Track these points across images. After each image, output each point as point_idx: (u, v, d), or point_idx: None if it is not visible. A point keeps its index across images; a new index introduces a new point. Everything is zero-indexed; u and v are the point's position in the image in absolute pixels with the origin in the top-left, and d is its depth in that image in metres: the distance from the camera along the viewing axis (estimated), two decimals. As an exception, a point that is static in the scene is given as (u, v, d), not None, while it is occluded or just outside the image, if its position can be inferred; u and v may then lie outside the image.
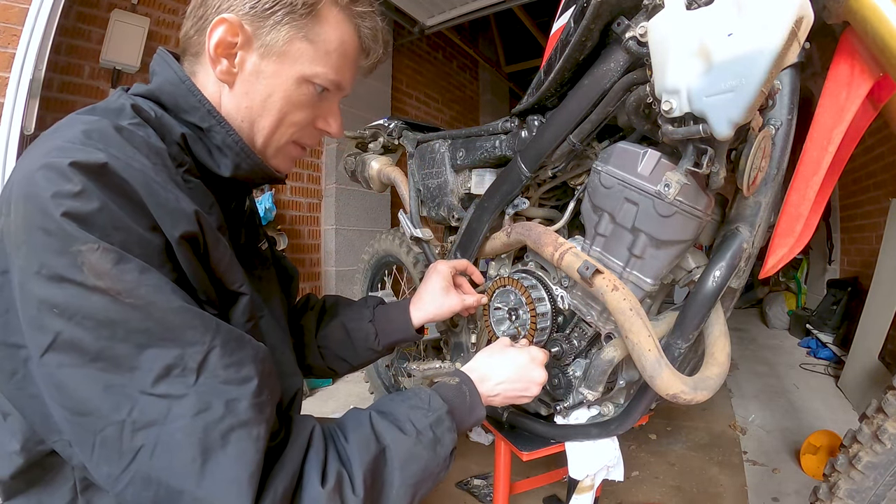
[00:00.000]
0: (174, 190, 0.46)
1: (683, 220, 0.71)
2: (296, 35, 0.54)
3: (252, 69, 0.55)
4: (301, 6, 0.53)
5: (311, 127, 0.62)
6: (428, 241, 1.27)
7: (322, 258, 2.81)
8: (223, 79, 0.55)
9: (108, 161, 0.41)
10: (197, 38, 0.55)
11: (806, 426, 1.84)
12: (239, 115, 0.56)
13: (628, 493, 1.40)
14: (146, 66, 1.95)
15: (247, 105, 0.56)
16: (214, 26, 0.52)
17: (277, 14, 0.53)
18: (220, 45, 0.53)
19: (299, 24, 0.54)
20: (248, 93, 0.55)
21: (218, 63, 0.54)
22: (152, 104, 0.53)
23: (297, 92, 0.56)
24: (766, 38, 0.49)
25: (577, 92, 0.77)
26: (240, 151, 0.56)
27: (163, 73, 0.55)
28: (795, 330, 3.33)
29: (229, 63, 0.54)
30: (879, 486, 0.67)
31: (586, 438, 0.90)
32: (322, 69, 0.56)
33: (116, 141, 0.44)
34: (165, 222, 0.43)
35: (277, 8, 0.53)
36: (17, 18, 1.34)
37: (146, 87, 0.54)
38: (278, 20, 0.53)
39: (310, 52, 0.55)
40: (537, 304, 0.88)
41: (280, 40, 0.54)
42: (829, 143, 0.63)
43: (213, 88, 0.56)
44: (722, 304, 0.77)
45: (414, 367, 1.19)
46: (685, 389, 0.69)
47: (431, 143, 1.20)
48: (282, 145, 0.60)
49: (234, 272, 0.52)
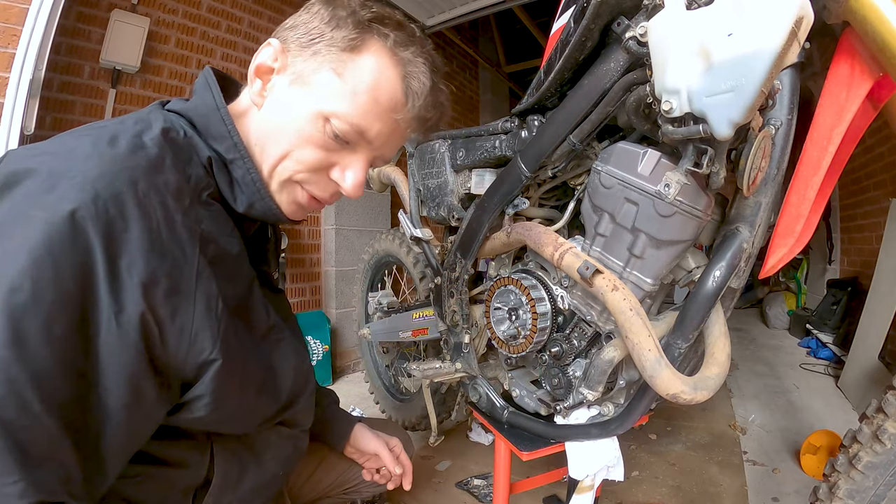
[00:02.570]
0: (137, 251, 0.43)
1: (683, 220, 0.71)
2: (326, 66, 0.51)
3: (278, 94, 0.53)
4: (341, 39, 0.51)
5: (323, 173, 0.56)
6: (428, 241, 1.27)
7: (322, 258, 2.81)
8: (254, 100, 0.54)
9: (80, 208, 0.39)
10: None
11: (806, 426, 1.83)
12: (253, 139, 0.54)
13: (628, 493, 1.40)
14: (146, 66, 1.96)
15: (265, 127, 0.54)
16: (261, 49, 0.53)
17: (319, 44, 0.51)
18: (261, 68, 0.53)
19: (334, 57, 0.51)
20: (268, 118, 0.54)
21: (253, 83, 0.54)
22: (184, 122, 0.52)
23: (309, 126, 0.52)
24: (766, 39, 0.49)
25: (577, 92, 0.77)
26: (255, 192, 0.54)
27: (201, 95, 0.54)
28: (795, 330, 3.33)
29: (262, 85, 0.54)
30: (879, 486, 0.67)
31: (586, 438, 0.90)
32: (343, 109, 0.51)
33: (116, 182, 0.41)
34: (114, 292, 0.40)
35: (319, 40, 0.51)
36: (17, 18, 1.33)
37: (183, 105, 0.54)
38: (317, 50, 0.51)
39: (334, 86, 0.51)
40: (537, 304, 0.88)
41: (309, 69, 0.52)
42: (829, 143, 0.63)
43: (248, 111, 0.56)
44: (722, 304, 0.77)
45: (414, 367, 1.19)
46: (685, 389, 0.69)
47: (431, 143, 1.20)
48: (284, 180, 0.55)
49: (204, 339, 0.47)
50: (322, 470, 0.93)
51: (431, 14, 3.07)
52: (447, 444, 1.70)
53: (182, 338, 0.44)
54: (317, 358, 2.48)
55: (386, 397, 1.79)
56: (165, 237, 0.43)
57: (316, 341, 2.48)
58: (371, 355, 1.87)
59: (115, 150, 0.43)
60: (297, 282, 2.65)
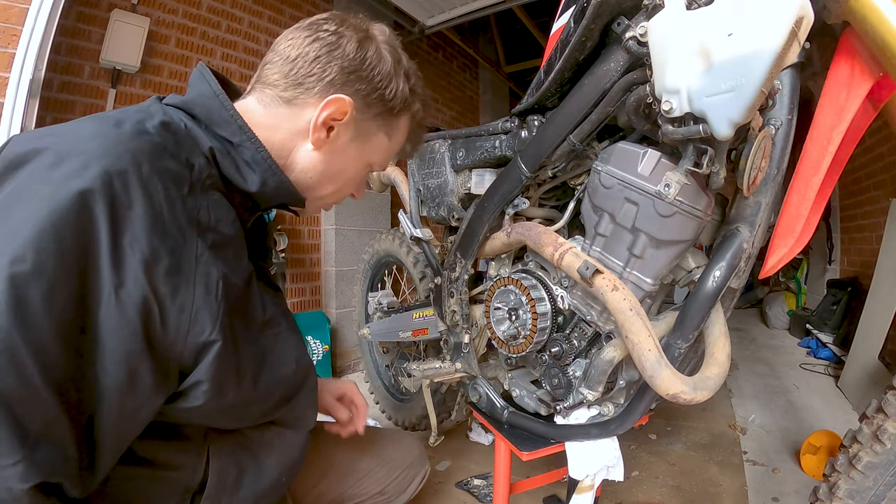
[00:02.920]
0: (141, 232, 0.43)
1: (683, 220, 0.71)
2: (381, 129, 0.63)
3: (341, 145, 0.61)
4: (395, 109, 0.62)
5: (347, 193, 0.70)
6: (428, 241, 1.27)
7: (322, 258, 2.81)
8: (314, 141, 0.59)
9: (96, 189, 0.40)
10: (293, 90, 0.57)
11: (806, 426, 1.83)
12: (309, 172, 0.61)
13: (628, 493, 1.40)
14: (146, 67, 1.96)
15: (323, 170, 0.61)
16: (331, 102, 0.57)
17: (378, 108, 0.60)
18: (329, 119, 0.58)
19: (386, 122, 0.62)
20: (329, 161, 0.61)
21: (318, 130, 0.58)
22: (183, 115, 0.53)
23: (361, 172, 0.66)
24: (766, 39, 0.49)
25: (577, 92, 0.77)
26: (267, 168, 0.56)
27: (198, 87, 0.56)
28: (795, 330, 3.33)
29: (327, 133, 0.59)
30: (879, 486, 0.67)
31: (586, 438, 0.90)
32: (382, 158, 0.66)
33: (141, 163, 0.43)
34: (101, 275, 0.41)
35: (380, 104, 0.60)
36: (17, 18, 1.33)
37: (181, 98, 0.55)
38: (377, 112, 0.61)
39: (385, 145, 0.64)
40: (537, 304, 0.88)
41: (370, 130, 0.62)
42: (829, 143, 0.63)
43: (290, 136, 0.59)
44: (722, 304, 0.77)
45: (414, 367, 1.19)
46: (685, 389, 0.69)
47: (431, 143, 1.20)
48: (324, 203, 0.68)
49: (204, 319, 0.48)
50: (325, 484, 0.89)
51: (431, 14, 3.07)
52: (447, 444, 1.70)
53: (182, 316, 0.45)
54: (317, 358, 2.48)
55: (386, 397, 1.79)
56: (167, 219, 0.43)
57: (316, 341, 2.48)
58: (371, 355, 1.87)
59: (119, 132, 0.44)
60: (297, 282, 2.65)
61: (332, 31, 0.57)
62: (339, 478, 0.89)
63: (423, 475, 0.97)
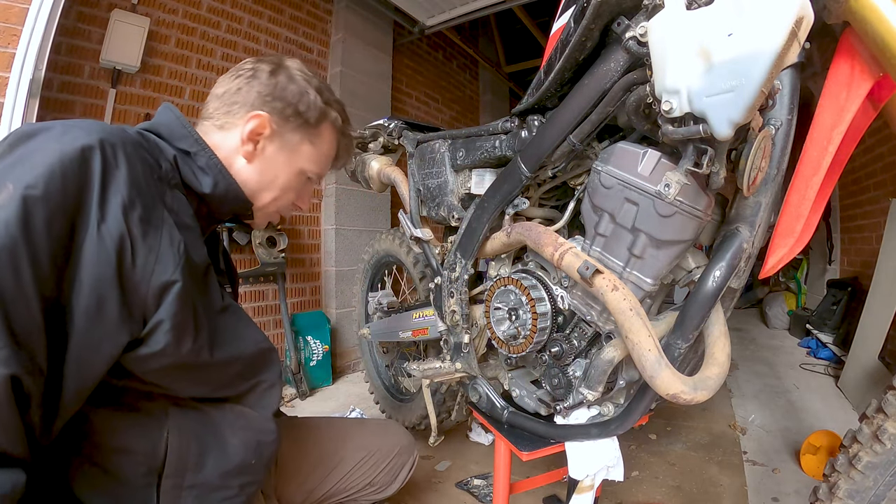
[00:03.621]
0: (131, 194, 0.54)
1: (683, 220, 0.71)
2: (305, 139, 0.74)
3: (270, 155, 0.72)
4: (313, 121, 0.73)
5: (291, 203, 0.80)
6: (428, 241, 1.27)
7: (322, 258, 2.81)
8: (245, 156, 0.71)
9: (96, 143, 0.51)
10: (224, 118, 0.70)
11: (806, 426, 1.83)
12: (250, 182, 0.72)
13: (628, 493, 1.40)
14: (146, 67, 1.96)
15: (258, 179, 0.73)
16: (253, 117, 0.69)
17: (296, 122, 0.72)
18: (253, 133, 0.69)
19: (308, 132, 0.74)
20: (262, 171, 0.73)
21: (246, 144, 0.70)
22: (150, 134, 0.65)
23: (295, 179, 0.76)
24: (766, 39, 0.49)
25: (577, 92, 0.77)
26: (218, 172, 0.68)
27: (164, 115, 0.69)
28: (795, 330, 3.33)
29: (254, 147, 0.71)
30: (879, 486, 0.67)
31: (586, 438, 0.90)
32: (315, 167, 0.77)
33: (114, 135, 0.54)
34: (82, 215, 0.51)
35: (296, 117, 0.72)
36: (17, 18, 1.33)
37: (148, 123, 0.67)
38: (296, 125, 0.72)
39: (311, 152, 0.75)
40: (537, 304, 0.88)
41: (294, 141, 0.73)
42: (829, 143, 0.63)
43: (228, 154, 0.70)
44: (722, 304, 0.77)
45: (414, 366, 1.19)
46: (685, 389, 0.69)
47: (431, 143, 1.20)
48: (270, 212, 0.78)
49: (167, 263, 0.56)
50: (314, 478, 0.90)
51: (431, 14, 3.08)
52: (447, 444, 1.70)
53: (150, 256, 0.53)
54: (317, 358, 2.48)
55: (386, 397, 1.79)
56: (142, 184, 0.54)
57: (316, 341, 2.48)
58: (371, 355, 1.87)
59: (108, 125, 0.56)
60: (297, 282, 2.65)
61: (249, 67, 0.71)
62: (327, 472, 0.91)
63: (412, 463, 1.01)
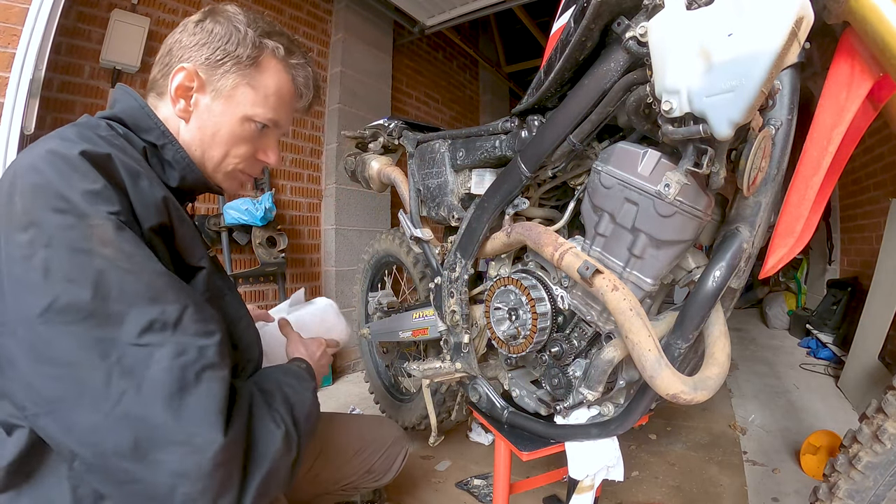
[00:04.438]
0: (149, 177, 0.55)
1: (683, 220, 0.71)
2: (241, 82, 0.66)
3: (204, 109, 0.66)
4: (245, 58, 0.65)
5: (252, 158, 0.72)
6: (428, 241, 1.27)
7: (322, 258, 2.81)
8: (181, 115, 0.66)
9: (110, 153, 0.52)
10: (162, 81, 0.66)
11: (806, 426, 1.83)
12: (193, 145, 0.67)
13: (628, 493, 1.40)
14: (146, 66, 1.96)
15: (200, 137, 0.67)
16: (175, 73, 0.64)
17: (227, 64, 0.65)
18: (180, 88, 0.64)
19: (244, 73, 0.66)
20: (201, 128, 0.67)
21: (177, 102, 0.65)
22: (116, 124, 0.63)
23: (240, 129, 0.68)
24: (766, 39, 0.49)
25: (577, 92, 0.77)
26: (185, 167, 0.66)
27: (124, 101, 0.65)
28: (795, 330, 3.33)
29: (186, 103, 0.65)
30: (879, 486, 0.67)
31: (586, 438, 0.90)
32: (261, 110, 0.68)
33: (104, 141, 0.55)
34: (141, 213, 0.53)
35: (227, 59, 0.64)
36: (17, 18, 1.33)
37: (110, 112, 0.64)
38: (227, 69, 0.65)
39: (251, 96, 0.67)
40: (537, 304, 0.88)
41: (227, 86, 0.65)
42: (829, 143, 0.62)
43: (173, 123, 0.67)
44: (722, 304, 0.77)
45: (414, 366, 1.19)
46: (685, 389, 0.69)
47: (431, 143, 1.20)
48: (229, 171, 0.71)
49: (196, 247, 0.61)
50: (319, 463, 0.95)
51: (431, 14, 3.07)
52: (447, 444, 1.70)
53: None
54: (317, 358, 2.47)
55: (386, 397, 1.79)
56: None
57: (316, 341, 2.47)
58: (371, 355, 1.87)
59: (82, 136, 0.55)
60: (297, 282, 2.65)
61: (177, 29, 0.67)
62: (332, 457, 0.97)
63: (405, 454, 1.08)
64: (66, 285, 0.45)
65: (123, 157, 0.54)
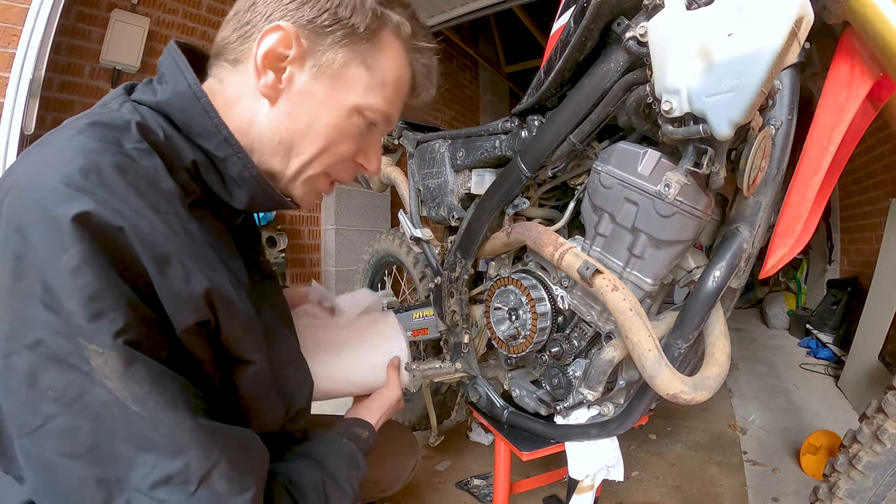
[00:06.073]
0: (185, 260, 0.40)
1: (683, 220, 0.71)
2: (354, 59, 0.50)
3: (301, 88, 0.49)
4: (364, 30, 0.49)
5: (350, 161, 0.56)
6: (428, 241, 1.27)
7: (322, 258, 2.81)
8: (265, 93, 0.49)
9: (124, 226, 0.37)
10: (239, 45, 0.50)
11: (806, 426, 1.83)
12: (276, 137, 0.50)
13: (628, 493, 1.40)
14: (146, 66, 1.96)
15: (287, 127, 0.50)
16: (267, 33, 0.47)
17: (337, 33, 0.48)
18: (270, 55, 0.47)
19: (359, 49, 0.50)
20: (292, 114, 0.50)
21: (263, 74, 0.48)
22: (161, 119, 0.46)
23: (347, 122, 0.52)
24: (767, 39, 0.49)
25: (577, 92, 0.77)
26: (256, 186, 0.50)
27: (174, 83, 0.48)
28: (795, 330, 3.33)
29: (276, 77, 0.49)
30: (879, 486, 0.67)
31: (586, 438, 0.90)
32: (376, 101, 0.52)
33: (121, 189, 0.38)
34: (171, 308, 0.39)
35: (338, 27, 0.48)
36: (17, 18, 1.34)
37: (154, 99, 0.47)
38: (337, 39, 0.49)
39: (366, 80, 0.51)
40: (537, 304, 0.88)
41: (337, 62, 0.49)
42: (829, 143, 0.62)
43: (247, 103, 0.50)
44: (722, 304, 0.77)
45: (414, 366, 1.19)
46: (685, 389, 0.69)
47: (431, 143, 1.20)
48: (315, 175, 0.54)
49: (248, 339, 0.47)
50: None
51: (431, 14, 3.08)
52: (447, 444, 1.70)
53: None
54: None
55: (386, 397, 1.79)
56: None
57: (316, 341, 2.48)
58: (371, 355, 1.87)
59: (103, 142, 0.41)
60: (297, 282, 2.65)
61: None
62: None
63: (415, 463, 0.96)
64: (60, 408, 0.35)
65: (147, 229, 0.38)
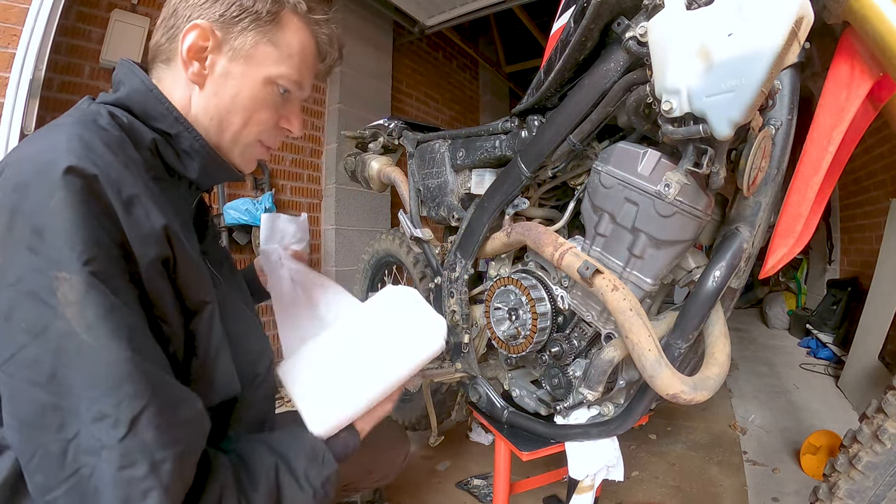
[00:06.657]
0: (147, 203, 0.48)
1: (683, 220, 0.71)
2: (261, 40, 0.60)
3: (221, 71, 0.59)
4: (265, 14, 0.59)
5: (275, 127, 0.66)
6: (428, 241, 1.27)
7: (322, 258, 2.81)
8: (194, 80, 0.59)
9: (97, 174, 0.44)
10: (168, 46, 0.59)
11: (806, 426, 1.83)
12: (208, 114, 0.60)
13: (628, 493, 1.40)
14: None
15: (216, 104, 0.60)
16: (187, 32, 0.57)
17: (244, 21, 0.59)
18: (192, 49, 0.57)
19: (264, 30, 0.60)
20: (218, 92, 0.60)
21: (190, 65, 0.58)
22: (123, 112, 0.56)
23: (262, 92, 0.61)
24: (767, 38, 0.49)
25: (577, 92, 0.77)
26: (206, 156, 0.60)
27: (130, 83, 0.58)
28: (795, 330, 3.33)
29: (200, 65, 0.59)
30: (879, 486, 0.67)
31: (586, 438, 0.90)
32: (286, 70, 0.62)
33: (99, 148, 0.47)
34: (136, 243, 0.46)
35: (244, 16, 0.58)
36: (17, 18, 1.33)
37: (115, 96, 0.57)
38: (245, 26, 0.59)
39: (274, 55, 0.61)
40: (537, 304, 0.88)
41: (247, 44, 0.59)
42: (829, 143, 0.63)
43: (182, 92, 0.60)
44: (722, 304, 0.77)
45: (414, 367, 1.19)
46: (685, 389, 0.69)
47: (431, 143, 1.20)
48: (249, 143, 0.64)
49: (201, 281, 0.54)
50: None
51: (431, 14, 3.07)
52: (447, 444, 1.70)
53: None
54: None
55: (386, 397, 1.78)
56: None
57: (316, 341, 2.47)
58: (371, 355, 1.87)
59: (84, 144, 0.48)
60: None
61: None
62: None
63: (406, 454, 1.02)
64: (30, 338, 0.40)
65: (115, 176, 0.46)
